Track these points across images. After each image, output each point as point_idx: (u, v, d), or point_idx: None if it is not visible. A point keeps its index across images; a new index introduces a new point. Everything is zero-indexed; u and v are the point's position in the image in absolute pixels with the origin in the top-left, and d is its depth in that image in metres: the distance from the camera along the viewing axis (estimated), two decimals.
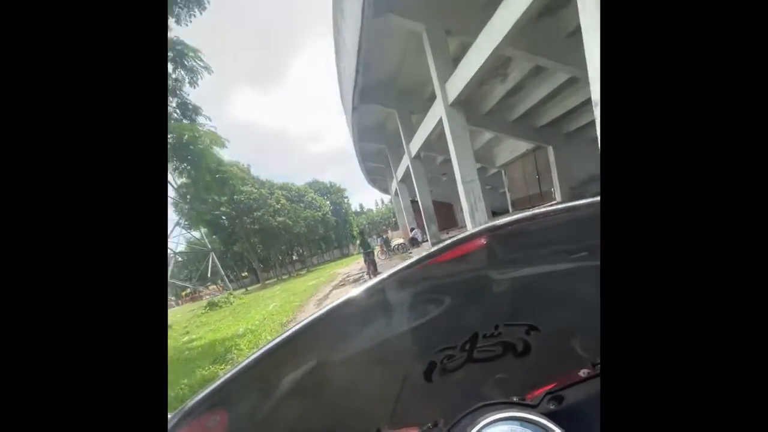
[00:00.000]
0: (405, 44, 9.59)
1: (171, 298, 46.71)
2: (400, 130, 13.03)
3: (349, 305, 0.42)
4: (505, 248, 0.43)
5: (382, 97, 12.35)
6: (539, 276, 0.47)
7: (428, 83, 11.19)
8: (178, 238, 23.76)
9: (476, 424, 0.41)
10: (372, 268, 11.89)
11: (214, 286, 24.77)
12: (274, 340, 0.40)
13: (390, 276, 0.41)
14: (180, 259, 22.12)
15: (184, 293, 30.40)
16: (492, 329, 0.45)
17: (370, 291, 0.41)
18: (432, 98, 10.03)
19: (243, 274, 48.75)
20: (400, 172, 16.23)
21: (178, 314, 24.00)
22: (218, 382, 0.40)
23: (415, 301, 0.44)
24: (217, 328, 10.73)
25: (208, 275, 23.79)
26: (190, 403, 0.40)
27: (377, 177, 25.04)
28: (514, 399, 0.45)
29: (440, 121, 9.24)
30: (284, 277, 39.49)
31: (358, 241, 12.05)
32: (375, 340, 0.44)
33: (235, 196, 32.19)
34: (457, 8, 7.42)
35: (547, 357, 0.48)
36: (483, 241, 0.42)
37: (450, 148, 8.84)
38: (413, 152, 12.63)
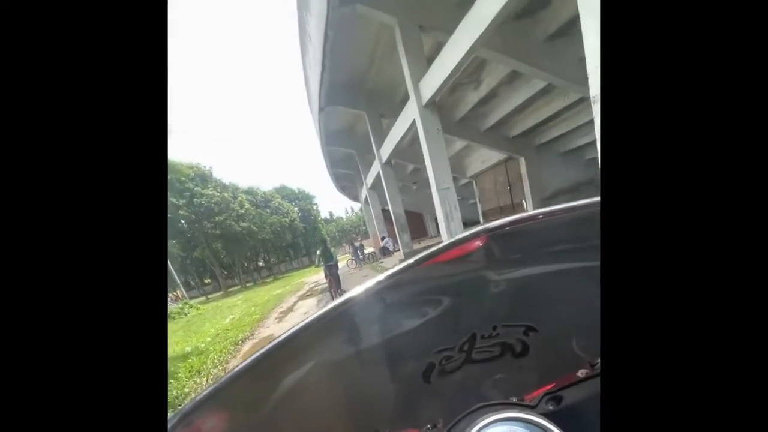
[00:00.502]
0: (375, 39, 9.11)
1: None
2: (370, 134, 12.53)
3: (346, 306, 0.41)
4: (503, 249, 0.43)
5: (351, 98, 11.80)
6: (537, 277, 0.47)
7: (400, 84, 10.79)
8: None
9: (475, 425, 0.42)
10: (335, 284, 9.33)
11: (174, 293, 23.12)
12: (273, 341, 0.40)
13: (388, 277, 0.41)
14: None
15: None
16: (490, 330, 0.46)
17: (368, 292, 0.41)
18: (404, 101, 9.61)
19: (206, 281, 46.62)
20: (370, 179, 15.74)
21: None
22: (218, 383, 0.40)
23: (413, 302, 0.44)
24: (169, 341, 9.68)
25: None
26: (190, 404, 0.40)
27: (347, 184, 24.47)
28: (513, 400, 0.46)
29: (413, 123, 8.77)
30: (248, 284, 38.25)
31: (318, 251, 9.93)
32: (373, 341, 0.44)
33: (195, 199, 30.68)
34: (430, 2, 7.01)
35: (545, 357, 0.49)
36: (481, 241, 0.42)
37: (424, 152, 8.40)
38: (384, 158, 12.16)
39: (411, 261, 0.41)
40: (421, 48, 7.82)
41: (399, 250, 14.89)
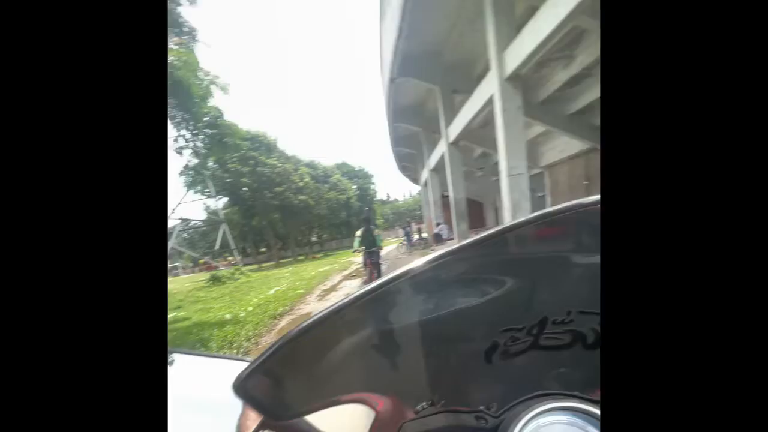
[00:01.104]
0: (460, 2, 8.00)
1: (188, 265, 47.59)
2: (440, 110, 11.50)
3: (415, 273, 0.40)
4: (590, 230, 0.40)
5: (425, 70, 10.81)
6: None
7: (480, 57, 9.67)
8: (192, 205, 23.16)
9: (532, 410, 0.42)
10: (375, 274, 7.67)
11: (231, 258, 24.03)
12: (336, 303, 0.40)
13: (461, 247, 0.40)
14: (187, 227, 21.46)
15: (201, 261, 30.17)
16: (564, 315, 0.43)
17: (438, 261, 0.40)
18: (481, 76, 8.54)
19: (261, 250, 48.58)
20: (433, 160, 14.79)
21: (187, 283, 23.55)
22: (280, 342, 0.40)
23: (486, 275, 0.43)
24: (208, 307, 9.88)
25: (216, 247, 23.03)
26: (255, 362, 0.40)
27: (408, 164, 23.69)
28: (576, 393, 0.44)
29: (490, 99, 7.73)
30: (300, 258, 39.03)
31: (358, 232, 7.64)
32: (440, 311, 0.43)
33: (258, 168, 31.45)
34: None
35: None
36: (567, 220, 0.40)
37: (498, 131, 7.31)
38: (451, 137, 11.14)
39: (489, 233, 0.39)
40: (512, 11, 6.72)
41: (453, 238, 13.80)
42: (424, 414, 0.45)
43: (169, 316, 9.31)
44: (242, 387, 0.41)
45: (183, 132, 8.92)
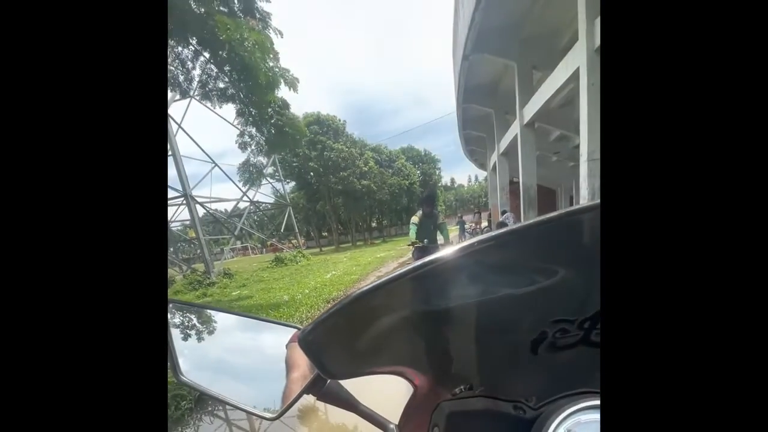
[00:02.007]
0: None
1: (257, 245, 50.39)
2: (516, 87, 10.49)
3: (470, 252, 0.38)
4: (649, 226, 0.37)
5: (502, 45, 9.89)
6: None
7: (565, 29, 8.75)
8: (262, 189, 24.06)
9: (572, 406, 0.41)
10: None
11: (296, 241, 24.91)
12: (390, 274, 0.39)
13: (514, 231, 0.38)
14: (257, 209, 22.47)
15: (269, 243, 31.76)
16: None
17: (491, 242, 0.38)
18: (566, 49, 7.48)
19: (323, 234, 50.06)
20: (504, 144, 13.75)
21: (254, 263, 24.76)
22: (339, 304, 0.40)
23: (540, 262, 0.40)
24: (269, 287, 10.33)
25: (282, 230, 23.84)
26: (318, 320, 0.41)
27: (476, 148, 22.51)
28: None
29: (575, 73, 6.87)
30: (359, 243, 39.75)
31: (414, 219, 5.15)
32: (488, 296, 0.41)
33: (325, 153, 31.95)
34: None
35: None
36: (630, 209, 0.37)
37: (581, 110, 6.49)
38: (526, 118, 10.11)
39: (545, 217, 0.37)
40: None
41: None
42: (462, 396, 0.46)
43: (233, 293, 9.80)
44: (305, 341, 0.42)
45: (248, 120, 8.92)
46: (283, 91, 8.02)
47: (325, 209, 36.75)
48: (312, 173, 33.34)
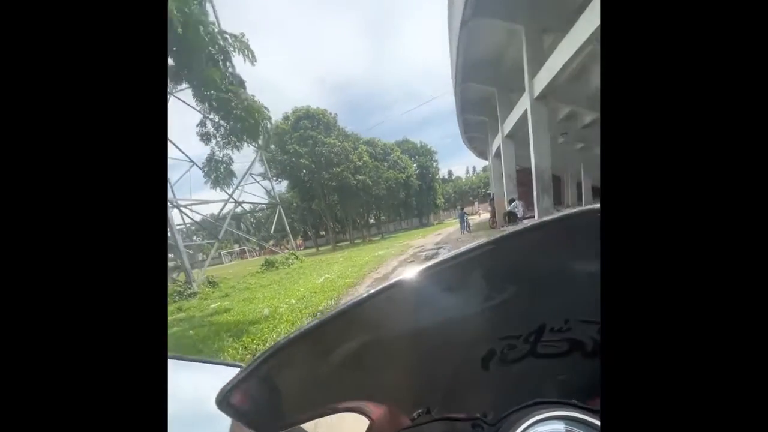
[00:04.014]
0: None
1: (255, 248, 49.21)
2: (524, 55, 9.16)
3: (410, 282, 0.40)
4: (587, 239, 0.39)
5: (507, 5, 8.54)
6: None
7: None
8: (249, 187, 22.48)
9: (528, 419, 0.42)
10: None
11: (289, 242, 23.65)
12: (336, 309, 0.40)
13: (457, 255, 0.40)
14: (246, 211, 21.25)
15: (268, 245, 30.47)
16: (562, 323, 0.44)
17: (435, 269, 0.40)
18: (582, 7, 6.40)
19: (321, 233, 48.77)
20: (509, 125, 12.38)
21: (249, 267, 23.64)
22: (271, 350, 0.40)
23: (484, 282, 0.43)
24: (252, 297, 9.20)
25: (271, 231, 22.55)
26: (241, 375, 0.40)
27: (476, 135, 21.24)
28: (574, 401, 0.45)
29: (591, 37, 5.95)
30: (357, 241, 38.48)
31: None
32: (435, 319, 0.43)
33: (317, 148, 30.53)
34: None
35: None
36: (566, 227, 0.39)
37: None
38: (537, 91, 8.79)
39: (484, 241, 0.39)
40: None
41: (532, 216, 11.45)
42: (420, 422, 0.45)
43: (210, 307, 8.71)
44: (226, 401, 0.40)
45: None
46: (242, 68, 6.85)
47: (320, 207, 35.41)
48: (304, 170, 31.96)
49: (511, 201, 13.06)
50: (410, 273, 0.39)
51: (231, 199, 17.38)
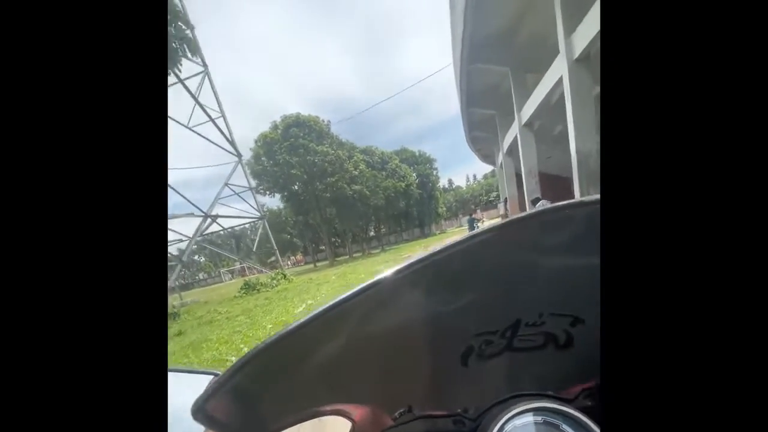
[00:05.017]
0: None
1: (255, 266, 46.74)
2: (512, 92, 11.16)
3: (388, 281, 0.40)
4: (558, 234, 0.41)
5: (495, 54, 10.60)
6: (591, 266, 0.43)
7: (550, 34, 7.70)
8: (229, 199, 20.20)
9: (508, 412, 0.44)
10: None
11: (295, 257, 21.38)
12: (308, 315, 0.39)
13: (433, 254, 0.40)
14: (227, 229, 19.07)
15: (253, 263, 28.15)
16: (536, 317, 0.45)
17: (411, 268, 0.40)
18: (554, 52, 7.33)
19: (321, 248, 46.48)
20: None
21: (230, 288, 21.28)
22: (248, 356, 0.39)
23: (460, 281, 0.43)
24: (205, 338, 7.13)
25: (254, 248, 20.29)
26: (218, 382, 0.39)
27: (481, 134, 20.00)
28: (550, 393, 0.47)
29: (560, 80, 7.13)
30: (356, 255, 36.43)
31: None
32: (414, 318, 0.44)
33: (308, 157, 28.42)
34: None
35: (589, 352, 0.46)
36: (536, 223, 0.40)
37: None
38: (524, 119, 10.65)
39: (458, 239, 0.39)
40: None
41: None
42: (403, 421, 0.46)
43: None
44: (202, 411, 0.39)
45: None
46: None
47: (316, 221, 33.16)
48: (297, 182, 29.83)
49: (536, 201, 10.80)
50: (387, 273, 0.39)
51: (206, 216, 15.24)
